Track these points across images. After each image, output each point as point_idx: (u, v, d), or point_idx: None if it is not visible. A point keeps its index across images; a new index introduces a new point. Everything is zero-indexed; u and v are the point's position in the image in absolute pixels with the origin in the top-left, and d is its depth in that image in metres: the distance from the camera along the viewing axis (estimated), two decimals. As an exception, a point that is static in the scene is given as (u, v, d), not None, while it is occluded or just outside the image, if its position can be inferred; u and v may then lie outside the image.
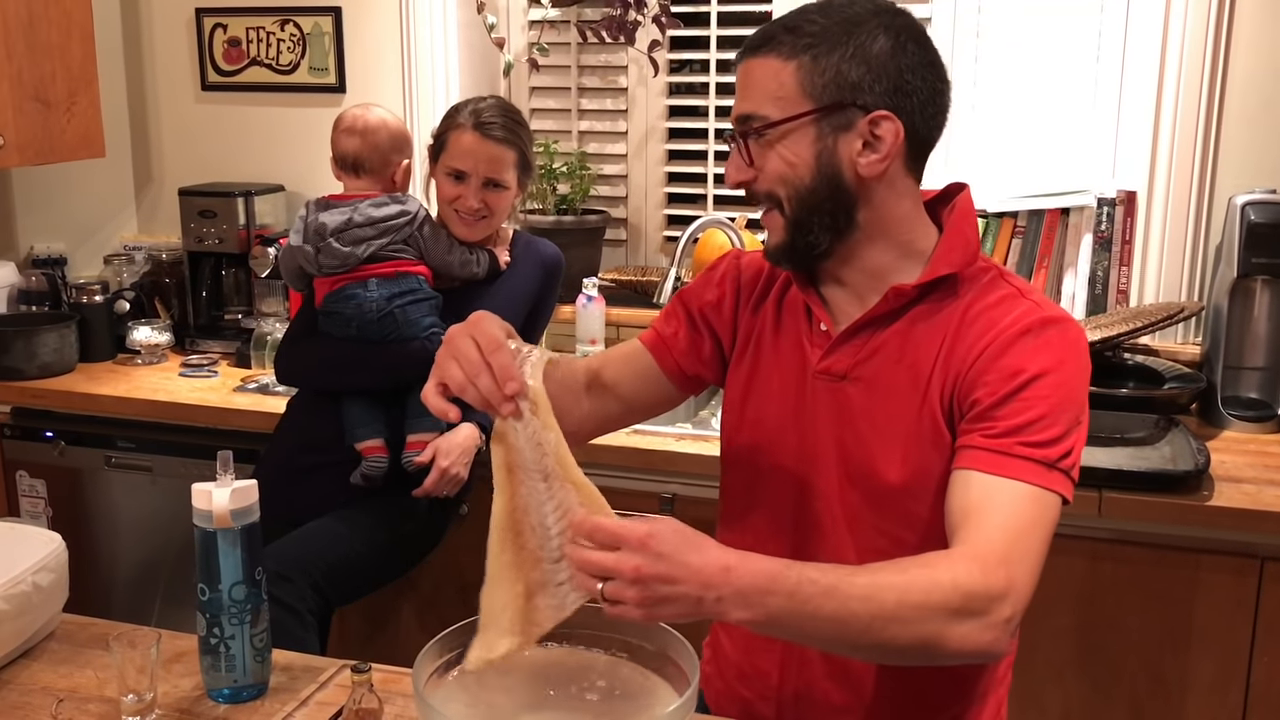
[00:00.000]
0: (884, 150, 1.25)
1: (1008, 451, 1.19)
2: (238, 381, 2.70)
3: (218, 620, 1.39)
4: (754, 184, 1.30)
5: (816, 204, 1.27)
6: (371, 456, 2.13)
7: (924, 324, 1.30)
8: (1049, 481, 1.19)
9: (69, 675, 1.47)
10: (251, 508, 1.40)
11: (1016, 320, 1.24)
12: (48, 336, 2.72)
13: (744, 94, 1.29)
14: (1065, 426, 1.20)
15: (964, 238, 1.31)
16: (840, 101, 1.24)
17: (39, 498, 2.70)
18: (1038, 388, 1.20)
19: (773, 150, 1.26)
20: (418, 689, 1.17)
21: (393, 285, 2.17)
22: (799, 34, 1.25)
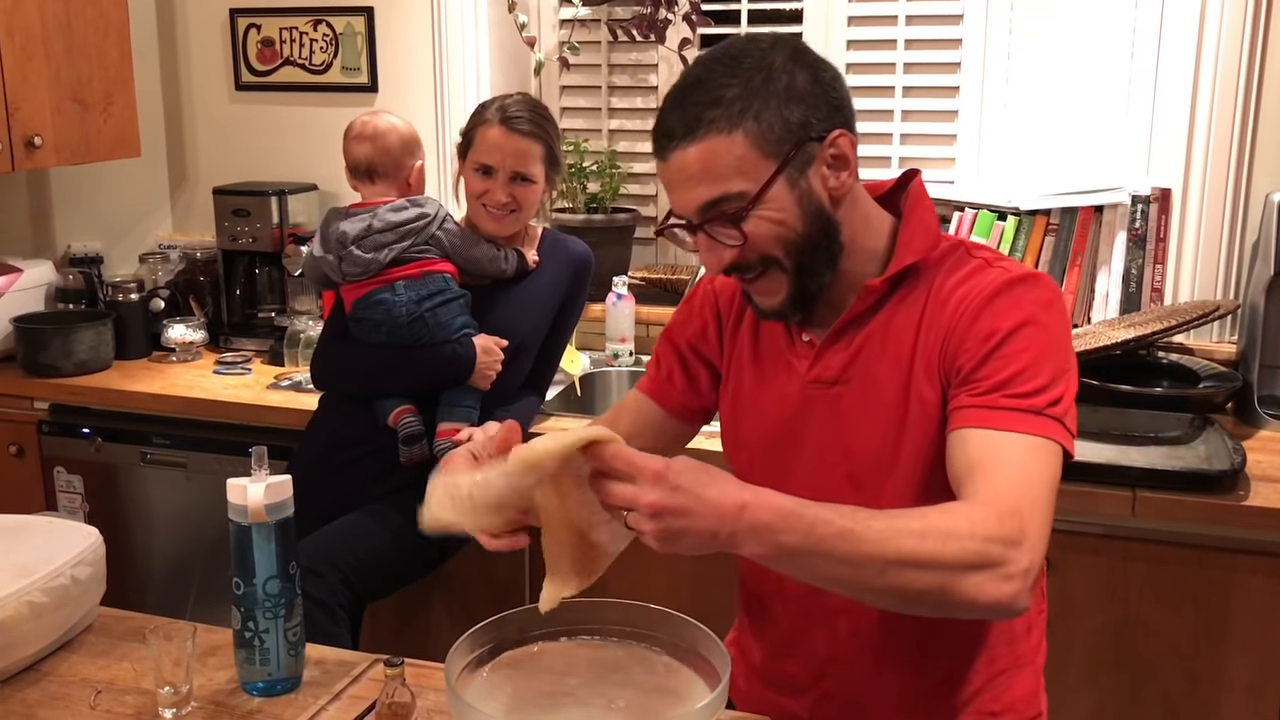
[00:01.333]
0: (849, 164, 1.28)
1: (995, 405, 1.20)
2: (271, 379, 2.72)
3: (252, 614, 1.41)
4: (743, 258, 1.28)
5: (814, 245, 1.28)
6: (403, 418, 2.15)
7: (900, 312, 1.31)
8: (1043, 429, 1.19)
9: (107, 667, 1.49)
10: (286, 503, 1.42)
11: (985, 286, 1.26)
12: (84, 334, 2.75)
13: (696, 182, 1.25)
14: (1049, 375, 1.21)
15: (923, 224, 1.33)
16: (796, 144, 1.24)
17: (76, 493, 2.73)
18: (1015, 342, 1.21)
19: (756, 219, 1.25)
20: (450, 684, 1.18)
21: (420, 287, 2.18)
22: (724, 104, 1.22)
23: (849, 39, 2.81)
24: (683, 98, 1.25)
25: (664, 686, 1.24)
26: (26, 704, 1.41)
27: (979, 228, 2.64)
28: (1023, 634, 1.41)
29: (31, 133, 2.66)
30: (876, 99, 2.83)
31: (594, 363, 2.82)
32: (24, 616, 1.43)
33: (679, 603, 1.33)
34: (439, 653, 1.27)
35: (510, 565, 2.34)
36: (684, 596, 2.26)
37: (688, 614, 1.30)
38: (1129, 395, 2.29)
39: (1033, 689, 1.43)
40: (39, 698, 1.42)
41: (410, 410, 2.17)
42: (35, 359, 2.73)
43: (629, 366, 2.81)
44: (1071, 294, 2.62)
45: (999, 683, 1.38)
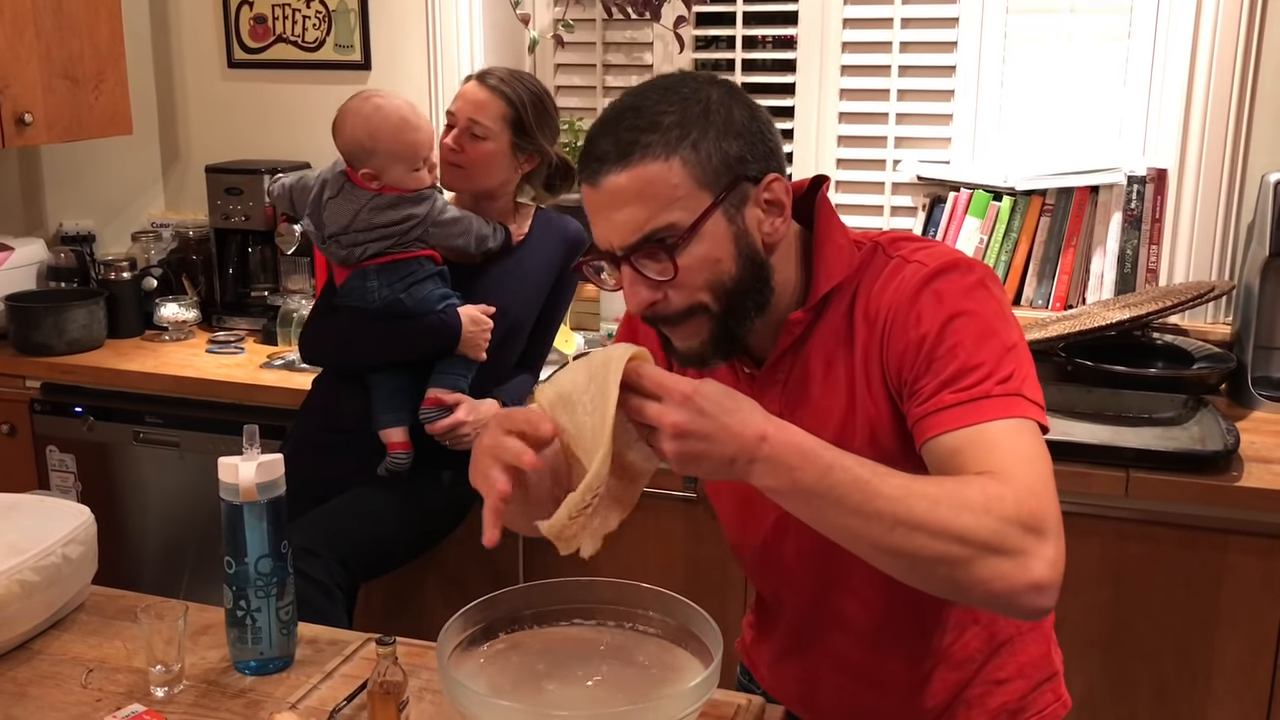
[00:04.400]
0: (784, 211, 1.22)
1: (946, 405, 1.14)
2: (264, 358, 2.71)
3: (244, 593, 1.41)
4: (668, 302, 1.20)
5: (745, 290, 1.21)
6: (395, 452, 2.14)
7: (827, 334, 1.26)
8: (1006, 409, 1.12)
9: (98, 646, 1.49)
10: (278, 481, 1.41)
11: (903, 290, 1.20)
12: (77, 313, 2.74)
13: (628, 209, 1.17)
14: (992, 360, 1.14)
15: (836, 246, 1.27)
16: (733, 179, 1.18)
17: (69, 472, 2.72)
18: (945, 341, 1.16)
19: (690, 254, 1.17)
20: (442, 663, 1.18)
21: (392, 272, 2.14)
22: (661, 129, 1.16)
23: (846, 17, 2.80)
24: (616, 122, 1.18)
25: (658, 665, 1.24)
26: (18, 682, 1.41)
27: (974, 208, 2.63)
28: None
29: (22, 109, 2.64)
30: (872, 78, 2.81)
31: (588, 343, 2.81)
32: (15, 595, 1.43)
33: (672, 583, 1.32)
34: (432, 633, 1.27)
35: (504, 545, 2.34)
36: (677, 577, 2.27)
37: (681, 594, 1.30)
38: (1123, 376, 2.29)
39: (1042, 651, 1.40)
40: (30, 676, 1.42)
41: (405, 447, 2.15)
42: (27, 338, 2.72)
43: (623, 346, 2.80)
44: (1066, 275, 2.62)
45: (1003, 652, 1.36)
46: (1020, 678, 1.37)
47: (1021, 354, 1.17)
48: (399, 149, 2.12)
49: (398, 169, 2.12)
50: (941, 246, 1.26)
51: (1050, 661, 1.41)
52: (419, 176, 2.14)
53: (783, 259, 1.25)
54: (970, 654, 1.35)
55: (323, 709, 1.32)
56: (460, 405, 2.12)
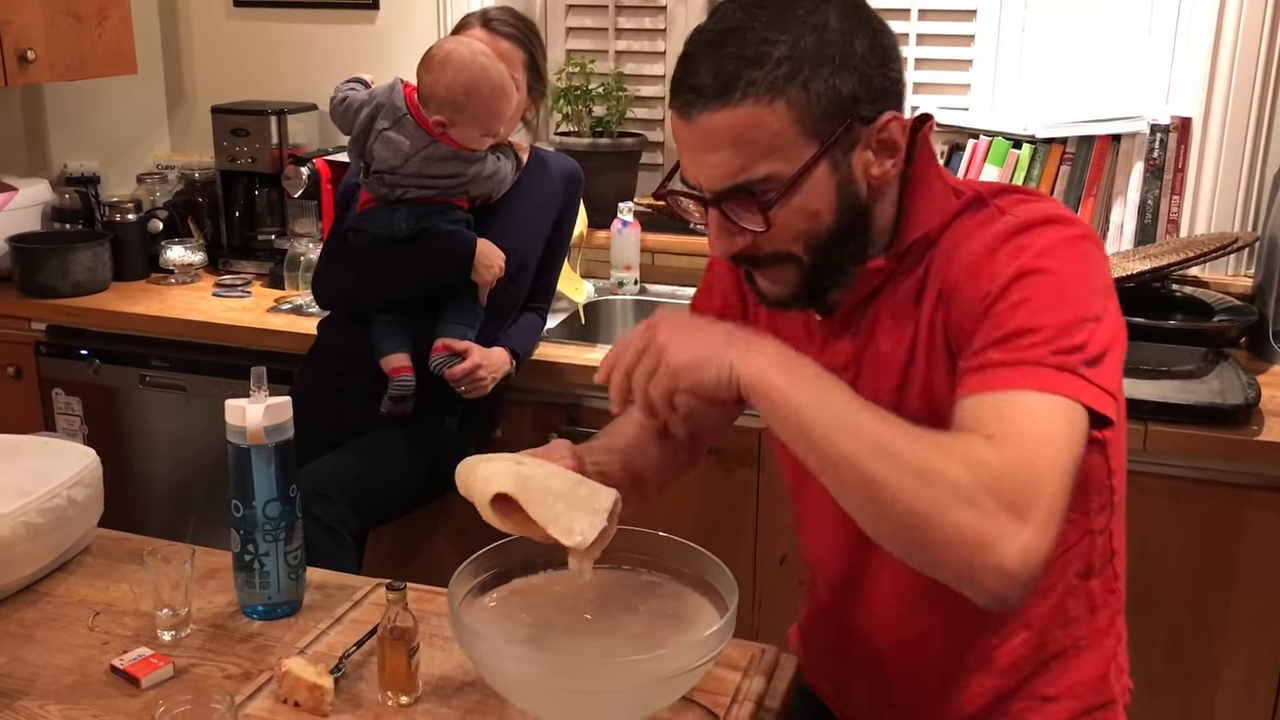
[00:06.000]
0: (898, 152, 1.12)
1: (988, 364, 1.03)
2: (271, 302, 2.68)
3: (252, 537, 1.39)
4: (756, 248, 1.12)
5: (842, 240, 1.12)
6: (398, 377, 2.10)
7: (904, 286, 1.16)
8: (1051, 382, 0.99)
9: (105, 589, 1.48)
10: (285, 424, 1.39)
11: (989, 238, 1.09)
12: (81, 255, 2.71)
13: (722, 155, 1.07)
14: (1058, 324, 1.02)
15: (933, 191, 1.16)
16: (843, 122, 1.07)
17: (75, 415, 2.71)
18: (1013, 294, 1.04)
19: (788, 208, 1.08)
20: (453, 609, 1.16)
21: (421, 210, 2.12)
22: (768, 64, 1.04)
23: (864, -41, 2.73)
24: (718, 47, 1.06)
25: (672, 613, 1.22)
26: (24, 624, 1.39)
27: (993, 156, 2.58)
28: (1083, 615, 1.24)
29: (23, 47, 2.59)
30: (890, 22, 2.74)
31: (598, 291, 2.78)
32: (20, 537, 1.41)
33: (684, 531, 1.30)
34: (441, 580, 1.25)
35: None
36: (689, 525, 2.25)
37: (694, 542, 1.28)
38: (1142, 328, 2.25)
39: (1099, 672, 1.26)
40: (37, 618, 1.41)
41: (409, 370, 2.11)
42: (32, 279, 2.69)
43: (634, 295, 2.77)
44: (1086, 225, 2.57)
45: (1053, 666, 1.24)
46: (1070, 698, 1.25)
47: (1102, 329, 1.04)
48: (488, 114, 2.07)
49: (474, 130, 2.08)
50: (1049, 202, 1.14)
51: (1107, 686, 1.28)
52: (486, 141, 2.12)
53: (885, 203, 1.16)
54: (1015, 661, 1.24)
55: (331, 654, 1.31)
56: (471, 352, 2.09)
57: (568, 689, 1.10)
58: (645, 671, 1.09)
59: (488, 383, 2.11)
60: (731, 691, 1.23)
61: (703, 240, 2.76)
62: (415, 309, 2.14)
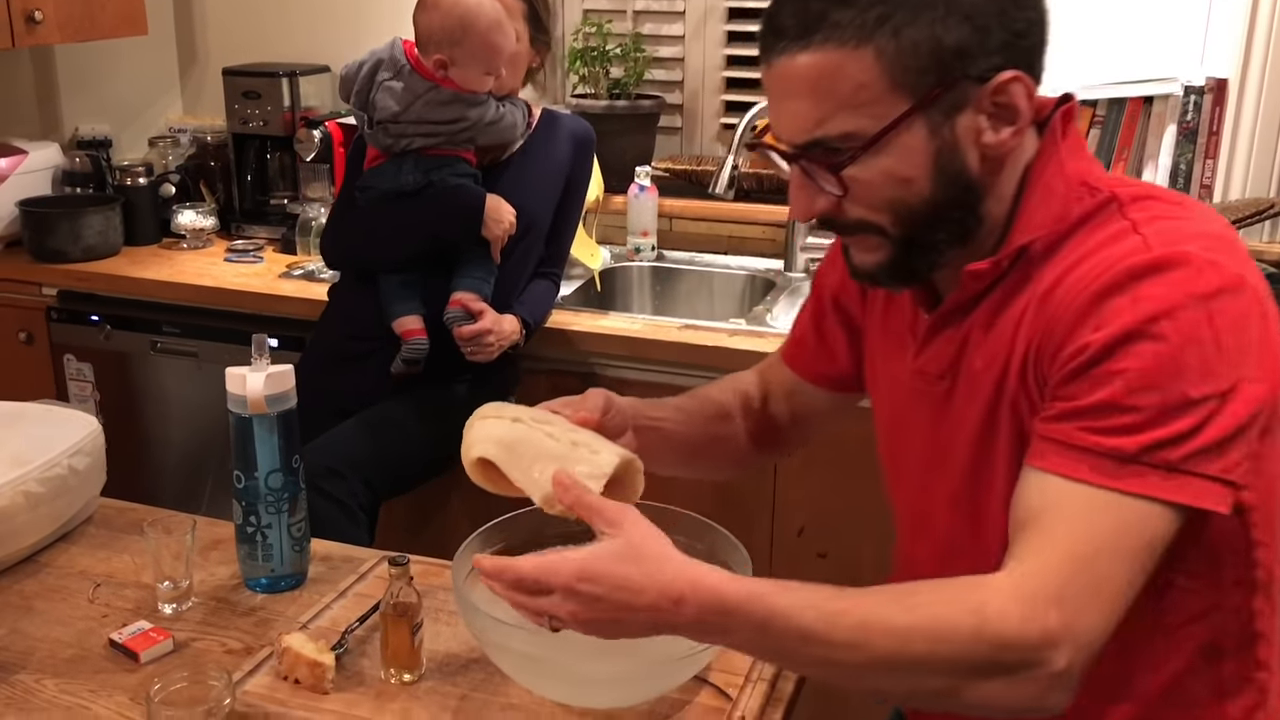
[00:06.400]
0: (1019, 118, 0.97)
1: (1064, 440, 0.91)
2: (283, 268, 2.64)
3: (254, 509, 1.36)
4: (840, 211, 1.00)
5: (939, 216, 0.98)
6: (411, 340, 2.06)
7: (1011, 298, 1.01)
8: (1128, 482, 0.89)
9: (106, 560, 1.45)
10: (288, 394, 1.35)
11: (1112, 264, 0.92)
12: (92, 219, 2.67)
13: (800, 103, 0.96)
14: (1159, 406, 0.88)
15: (1047, 186, 1.00)
16: (945, 79, 0.94)
17: (86, 381, 2.68)
18: (1111, 358, 0.90)
19: (871, 171, 0.96)
20: (457, 585, 1.13)
21: (428, 163, 2.08)
22: (858, 5, 0.92)
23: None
24: None
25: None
26: (24, 595, 1.37)
27: (1021, 119, 2.51)
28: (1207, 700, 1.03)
29: (31, 7, 2.54)
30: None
31: (615, 257, 2.73)
32: (20, 507, 1.39)
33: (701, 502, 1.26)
34: (454, 551, 1.21)
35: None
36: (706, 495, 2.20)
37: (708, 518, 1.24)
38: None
39: None
40: (36, 589, 1.38)
41: (422, 333, 2.07)
42: (42, 244, 2.66)
43: (650, 261, 2.72)
44: (1116, 190, 2.50)
45: None
46: None
47: (1232, 405, 0.89)
48: (485, 49, 2.04)
49: (474, 68, 2.04)
50: (1194, 223, 0.95)
51: None
52: (487, 81, 2.07)
53: (1006, 182, 1.01)
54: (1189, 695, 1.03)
55: (335, 629, 1.27)
56: (485, 314, 2.05)
57: (574, 670, 1.07)
58: (655, 651, 1.06)
59: (494, 349, 2.06)
60: (745, 670, 1.19)
61: (722, 206, 2.71)
62: (425, 269, 2.10)
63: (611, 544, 0.94)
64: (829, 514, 2.18)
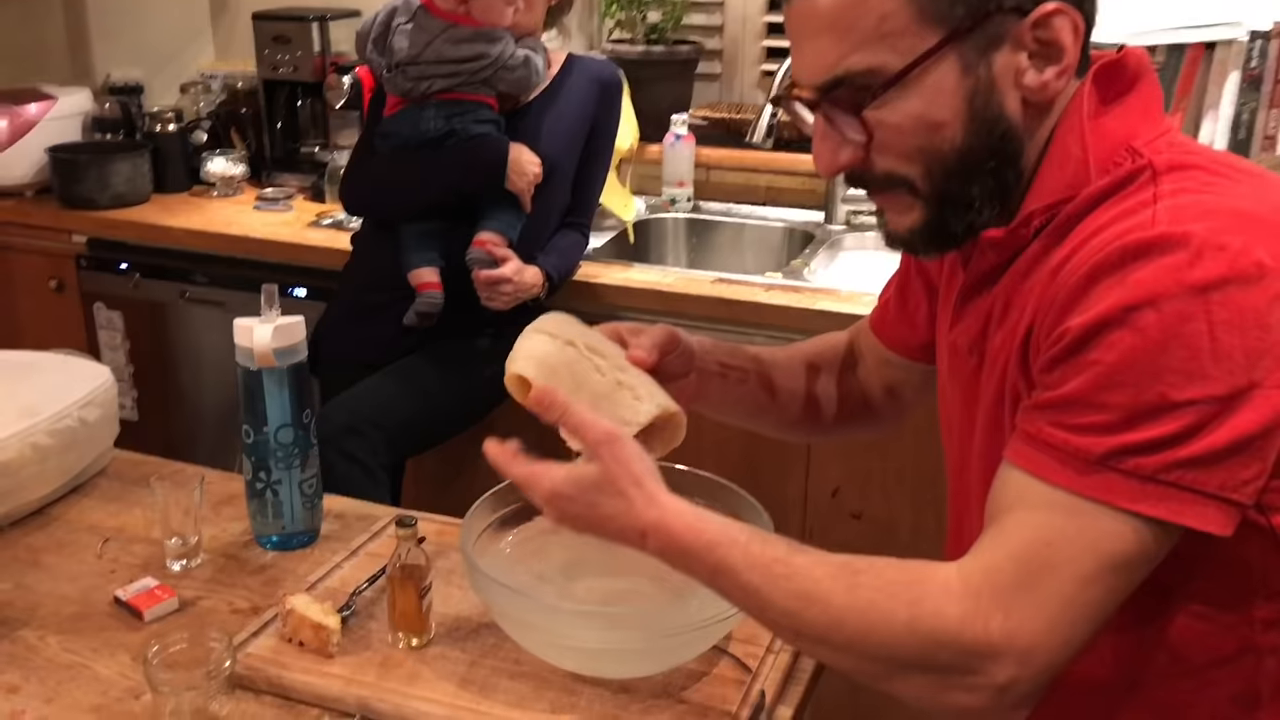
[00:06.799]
0: (1064, 57, 0.88)
1: (1035, 434, 0.84)
2: (312, 217, 2.60)
3: (264, 464, 1.32)
4: (868, 163, 0.92)
5: (973, 167, 0.89)
6: (426, 293, 2.01)
7: (1035, 269, 0.91)
8: (1092, 488, 0.80)
9: (117, 514, 1.42)
10: (297, 346, 1.31)
11: (1111, 241, 0.82)
12: (120, 166, 2.64)
13: (819, 42, 0.89)
14: (1134, 407, 0.79)
15: (1064, 149, 0.90)
16: (979, 11, 0.85)
17: (116, 330, 2.66)
18: (1096, 346, 0.80)
19: (898, 113, 0.88)
20: (466, 549, 1.08)
21: (451, 108, 2.02)
22: None
23: None
24: None
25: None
26: (31, 550, 1.34)
27: (1074, 66, 2.41)
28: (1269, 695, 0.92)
29: (60, -51, 2.51)
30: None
31: (649, 208, 2.66)
32: (28, 459, 1.36)
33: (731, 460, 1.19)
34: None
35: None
36: (735, 453, 2.15)
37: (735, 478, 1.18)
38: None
39: None
40: (45, 543, 1.35)
41: (437, 286, 2.01)
42: (71, 191, 2.63)
43: (686, 213, 2.65)
44: (1173, 141, 2.39)
45: None
46: None
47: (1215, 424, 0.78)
48: None
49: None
50: (1225, 198, 0.83)
51: None
52: (507, 14, 2.01)
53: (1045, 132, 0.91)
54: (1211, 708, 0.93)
55: (344, 589, 1.23)
56: (509, 261, 1.99)
57: (583, 641, 1.02)
58: (668, 623, 1.01)
59: (509, 299, 2.01)
60: (766, 641, 1.14)
61: (761, 156, 2.63)
62: (446, 218, 2.04)
63: (586, 470, 0.93)
64: (865, 475, 2.11)
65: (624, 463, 0.92)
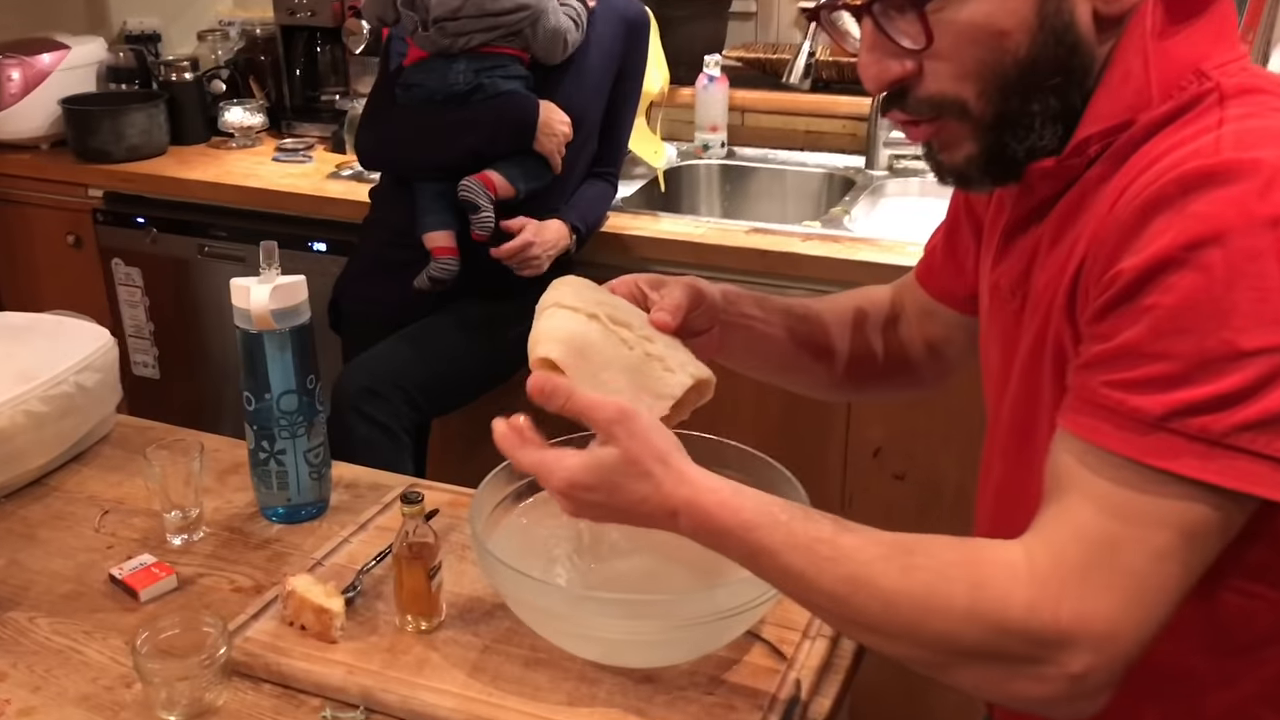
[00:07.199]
0: None
1: (1089, 396, 0.75)
2: (332, 168, 2.51)
3: (268, 433, 1.24)
4: (919, 83, 0.82)
5: (1035, 83, 0.80)
6: (442, 258, 1.92)
7: (1087, 202, 0.82)
8: (1156, 455, 0.71)
9: (118, 484, 1.35)
10: (299, 307, 1.23)
11: (1168, 170, 0.73)
12: (135, 116, 2.56)
13: None
14: (1200, 355, 0.69)
15: (1125, 69, 0.80)
16: None
17: (135, 286, 2.60)
18: (1146, 289, 0.71)
19: (966, 11, 0.78)
20: (475, 528, 1.00)
21: (482, 62, 1.92)
22: None
23: None
24: None
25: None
26: (28, 523, 1.28)
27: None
28: None
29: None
30: None
31: (681, 154, 2.55)
32: (21, 427, 1.29)
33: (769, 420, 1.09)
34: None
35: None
36: (774, 412, 2.05)
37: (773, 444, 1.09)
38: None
39: None
40: (42, 516, 1.29)
41: (453, 252, 1.92)
42: (85, 143, 2.56)
43: (720, 159, 2.54)
44: (1238, 77, 2.25)
45: None
46: None
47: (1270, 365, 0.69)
48: None
49: None
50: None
51: None
52: None
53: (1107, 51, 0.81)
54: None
55: (352, 566, 1.16)
56: (526, 227, 1.90)
57: (602, 630, 0.94)
58: (694, 610, 0.92)
59: (542, 261, 1.92)
60: (802, 625, 1.05)
61: (798, 98, 2.51)
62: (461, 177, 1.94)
63: (606, 454, 0.84)
64: (908, 434, 2.01)
65: (644, 440, 0.83)
